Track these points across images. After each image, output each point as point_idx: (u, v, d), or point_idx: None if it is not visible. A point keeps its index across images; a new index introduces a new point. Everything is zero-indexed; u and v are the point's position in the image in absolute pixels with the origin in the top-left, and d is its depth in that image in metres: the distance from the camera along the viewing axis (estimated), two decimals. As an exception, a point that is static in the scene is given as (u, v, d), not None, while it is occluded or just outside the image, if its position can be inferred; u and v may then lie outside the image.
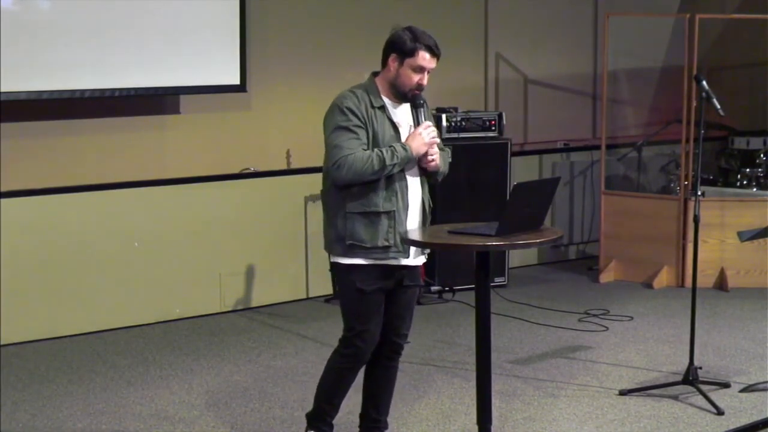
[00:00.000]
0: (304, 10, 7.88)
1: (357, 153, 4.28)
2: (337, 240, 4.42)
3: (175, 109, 7.41)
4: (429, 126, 4.40)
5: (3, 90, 6.43)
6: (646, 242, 8.24)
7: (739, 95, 9.10)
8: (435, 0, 8.44)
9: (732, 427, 5.13)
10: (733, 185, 8.67)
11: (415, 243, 4.34)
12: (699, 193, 5.80)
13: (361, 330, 4.46)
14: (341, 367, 4.56)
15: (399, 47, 4.36)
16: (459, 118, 7.87)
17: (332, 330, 6.53)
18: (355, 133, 4.31)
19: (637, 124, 9.55)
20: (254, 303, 7.59)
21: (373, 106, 4.37)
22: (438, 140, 4.45)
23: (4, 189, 6.64)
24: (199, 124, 7.51)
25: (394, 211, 4.38)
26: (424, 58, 4.35)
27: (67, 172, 6.96)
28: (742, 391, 5.67)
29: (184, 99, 7.40)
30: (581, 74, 9.34)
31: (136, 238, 7.10)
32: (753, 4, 9.28)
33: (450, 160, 4.65)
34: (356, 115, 4.32)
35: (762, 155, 8.61)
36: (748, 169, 8.64)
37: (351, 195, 4.36)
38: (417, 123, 4.44)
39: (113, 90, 6.87)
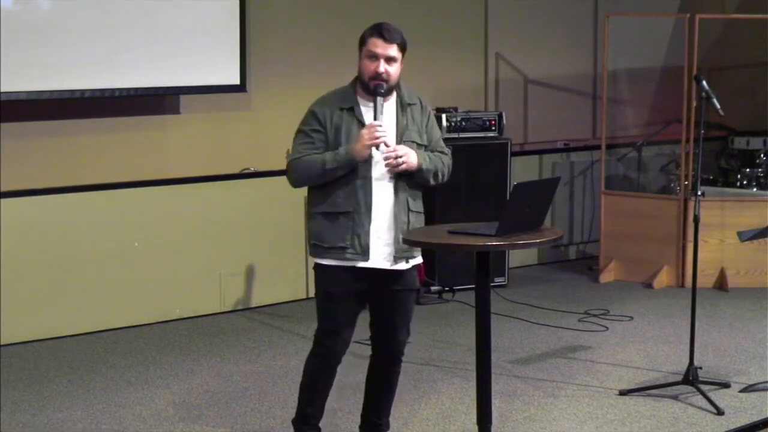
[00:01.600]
0: (304, 10, 7.88)
1: (304, 156, 4.36)
2: (308, 239, 4.51)
3: (175, 109, 7.41)
4: (374, 126, 4.27)
5: (3, 90, 6.43)
6: (646, 242, 8.23)
7: (739, 95, 9.09)
8: (435, 0, 8.44)
9: (732, 427, 5.13)
10: (733, 185, 8.66)
11: (415, 243, 4.33)
12: (699, 193, 5.80)
13: (328, 330, 4.46)
14: (313, 369, 4.55)
15: (359, 42, 4.42)
16: (459, 118, 7.87)
17: (332, 330, 6.53)
18: (310, 137, 4.38)
19: (637, 124, 9.54)
20: (254, 303, 7.59)
21: (341, 109, 4.37)
22: (385, 139, 4.27)
23: (4, 189, 6.64)
24: (199, 124, 7.51)
25: (352, 212, 4.35)
26: (375, 44, 4.35)
27: (67, 172, 6.96)
28: (742, 391, 5.67)
29: (184, 99, 7.40)
30: (581, 74, 9.33)
31: (136, 238, 7.10)
32: (753, 4, 9.28)
33: (450, 161, 4.56)
34: (317, 119, 4.38)
35: (762, 155, 8.61)
36: (748, 169, 8.64)
37: (315, 196, 4.43)
38: (375, 116, 4.32)
39: (113, 90, 6.87)
